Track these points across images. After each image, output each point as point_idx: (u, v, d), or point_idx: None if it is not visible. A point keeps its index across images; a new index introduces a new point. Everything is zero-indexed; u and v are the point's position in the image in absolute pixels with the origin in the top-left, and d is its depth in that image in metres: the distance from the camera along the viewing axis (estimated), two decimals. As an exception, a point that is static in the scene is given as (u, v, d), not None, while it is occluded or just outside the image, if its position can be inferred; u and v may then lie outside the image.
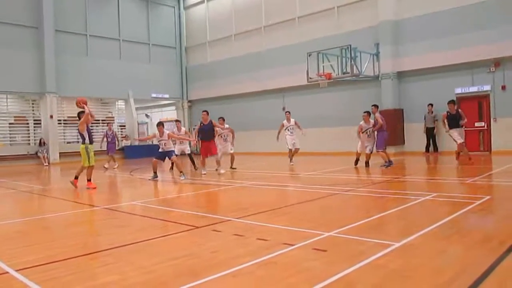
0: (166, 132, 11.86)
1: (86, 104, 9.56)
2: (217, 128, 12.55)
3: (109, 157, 16.35)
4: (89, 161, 9.63)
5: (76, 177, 9.86)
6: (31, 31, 20.96)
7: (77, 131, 9.98)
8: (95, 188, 9.62)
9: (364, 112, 12.48)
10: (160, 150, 11.91)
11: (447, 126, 12.27)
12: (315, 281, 3.13)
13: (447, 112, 12.20)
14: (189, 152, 14.52)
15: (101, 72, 23.05)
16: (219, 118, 13.32)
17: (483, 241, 4.14)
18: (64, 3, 22.11)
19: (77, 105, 9.70)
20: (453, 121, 12.07)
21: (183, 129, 14.90)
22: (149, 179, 11.48)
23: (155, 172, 11.60)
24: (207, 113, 12.41)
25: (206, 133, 12.28)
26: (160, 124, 11.90)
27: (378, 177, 10.24)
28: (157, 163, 11.83)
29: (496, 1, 15.03)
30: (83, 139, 9.64)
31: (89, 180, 9.73)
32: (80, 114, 9.73)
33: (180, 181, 10.99)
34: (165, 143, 11.77)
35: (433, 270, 3.36)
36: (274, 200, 7.65)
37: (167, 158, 11.90)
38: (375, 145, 12.30)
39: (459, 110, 12.37)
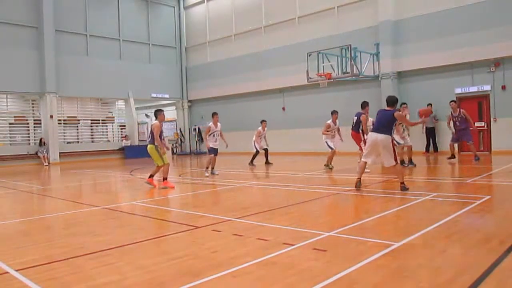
0: (219, 124, 11.98)
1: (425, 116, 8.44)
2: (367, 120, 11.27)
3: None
4: (162, 159, 9.35)
5: (151, 176, 9.53)
6: (31, 31, 20.96)
7: (151, 129, 9.47)
8: (173, 187, 9.37)
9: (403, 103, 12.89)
10: (212, 146, 11.76)
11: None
12: (315, 281, 3.14)
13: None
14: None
15: (101, 72, 23.06)
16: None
17: (483, 241, 4.14)
18: (64, 3, 22.12)
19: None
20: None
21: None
22: (207, 175, 11.51)
23: (213, 168, 11.71)
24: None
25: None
26: (216, 114, 11.77)
27: (378, 177, 10.23)
28: (215, 159, 11.95)
29: (495, 1, 15.04)
30: (153, 139, 9.29)
31: (165, 179, 9.44)
32: (156, 113, 9.55)
33: (206, 176, 11.48)
34: (219, 134, 11.79)
35: (433, 270, 3.36)
36: (274, 200, 7.65)
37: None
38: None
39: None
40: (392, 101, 7.70)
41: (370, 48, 17.53)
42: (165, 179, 9.47)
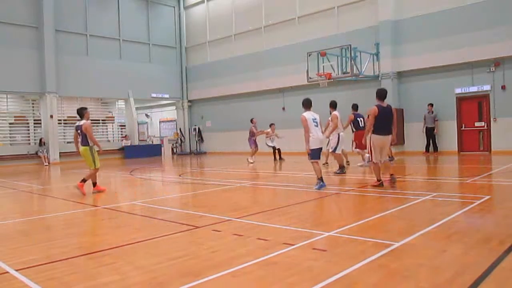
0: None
1: None
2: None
3: (253, 151, 16.70)
4: (95, 163, 8.78)
5: (84, 180, 8.82)
6: (31, 31, 20.95)
7: (81, 130, 8.67)
8: (104, 190, 9.08)
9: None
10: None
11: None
12: (315, 281, 3.14)
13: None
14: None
15: (101, 72, 23.05)
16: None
17: (483, 241, 4.14)
18: (64, 3, 22.10)
19: None
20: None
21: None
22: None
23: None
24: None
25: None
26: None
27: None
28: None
29: (495, 1, 15.03)
30: (87, 140, 8.71)
31: (84, 181, 8.82)
32: (83, 111, 8.83)
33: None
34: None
35: (433, 270, 3.36)
36: (274, 200, 7.66)
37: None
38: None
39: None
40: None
41: (370, 48, 17.52)
42: (84, 180, 8.84)
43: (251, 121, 16.99)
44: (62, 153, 21.66)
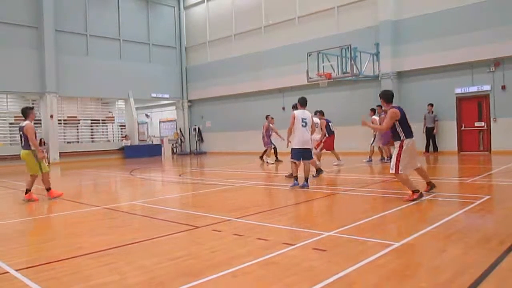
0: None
1: None
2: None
3: (269, 150, 15.79)
4: (41, 167, 8.06)
5: (28, 190, 8.08)
6: (31, 31, 20.94)
7: (23, 132, 7.89)
8: (61, 194, 8.41)
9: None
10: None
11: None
12: (315, 281, 3.14)
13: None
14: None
15: (101, 72, 23.04)
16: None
17: (483, 241, 4.14)
18: (64, 3, 22.10)
19: None
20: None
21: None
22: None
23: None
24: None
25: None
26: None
27: (378, 177, 10.23)
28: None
29: (495, 1, 15.03)
30: (29, 143, 7.88)
31: (49, 189, 8.26)
32: (28, 111, 8.09)
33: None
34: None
35: (433, 270, 3.36)
36: (274, 200, 7.66)
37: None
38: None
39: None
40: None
41: (370, 48, 17.51)
42: (48, 189, 8.23)
43: (266, 117, 15.90)
44: (62, 153, 21.67)
